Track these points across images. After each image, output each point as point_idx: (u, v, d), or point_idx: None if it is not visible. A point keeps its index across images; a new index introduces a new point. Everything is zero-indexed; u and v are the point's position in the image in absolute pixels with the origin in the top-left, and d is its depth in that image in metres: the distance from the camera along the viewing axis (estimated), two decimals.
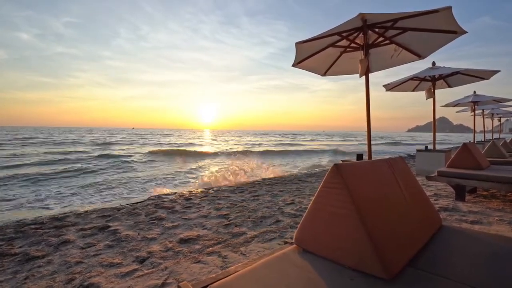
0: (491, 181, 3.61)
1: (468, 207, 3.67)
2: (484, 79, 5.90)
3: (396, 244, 1.18)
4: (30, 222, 3.43)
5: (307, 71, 4.41)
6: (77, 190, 6.68)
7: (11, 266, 2.23)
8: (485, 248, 1.35)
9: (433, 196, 4.33)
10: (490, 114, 14.04)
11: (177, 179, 8.67)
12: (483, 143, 10.11)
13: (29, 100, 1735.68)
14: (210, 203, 4.24)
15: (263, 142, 36.50)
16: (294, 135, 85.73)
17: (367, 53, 3.38)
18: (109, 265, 2.21)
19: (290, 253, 1.32)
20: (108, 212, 3.84)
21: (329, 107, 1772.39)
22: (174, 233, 2.92)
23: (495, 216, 3.23)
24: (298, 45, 3.46)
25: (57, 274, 2.09)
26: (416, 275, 1.09)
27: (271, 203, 4.19)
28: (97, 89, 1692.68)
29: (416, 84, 6.75)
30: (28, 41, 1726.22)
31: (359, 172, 1.34)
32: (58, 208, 4.95)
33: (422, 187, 1.73)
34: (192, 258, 2.30)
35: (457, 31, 3.01)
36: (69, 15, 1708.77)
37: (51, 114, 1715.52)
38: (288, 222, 3.20)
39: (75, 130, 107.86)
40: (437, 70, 5.43)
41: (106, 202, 5.32)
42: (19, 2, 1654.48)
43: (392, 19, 3.08)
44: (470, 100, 8.45)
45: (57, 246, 2.62)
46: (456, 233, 1.56)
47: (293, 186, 5.78)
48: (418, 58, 3.85)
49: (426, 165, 6.52)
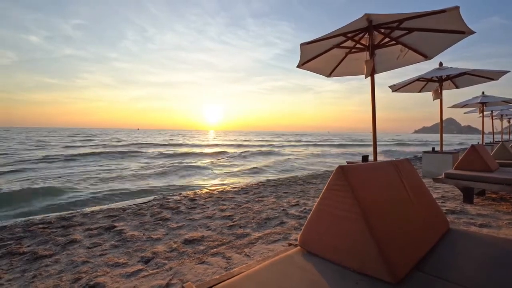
0: (500, 184, 3.54)
1: (476, 210, 3.60)
2: (493, 80, 5.80)
3: (402, 247, 1.16)
4: (38, 222, 3.49)
5: (312, 72, 4.40)
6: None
7: (20, 265, 2.27)
8: (494, 252, 1.32)
9: (440, 199, 4.26)
10: (499, 115, 13.79)
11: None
12: (492, 144, 9.92)
13: (37, 101, 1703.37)
14: (214, 204, 4.25)
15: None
16: (300, 135, 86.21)
17: (372, 54, 3.35)
18: (115, 265, 2.23)
19: (294, 255, 1.31)
20: (114, 212, 3.88)
21: (334, 108, 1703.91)
22: (178, 233, 2.94)
23: (505, 220, 3.16)
24: (303, 46, 3.46)
25: (64, 273, 2.12)
26: (422, 279, 1.08)
27: (275, 204, 4.18)
28: (104, 91, 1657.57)
29: (422, 85, 6.67)
30: (37, 43, 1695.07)
31: (364, 174, 1.33)
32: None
33: (429, 189, 1.71)
34: (197, 259, 2.30)
35: (465, 31, 2.97)
36: (78, 18, 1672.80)
37: (59, 115, 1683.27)
38: (292, 224, 3.19)
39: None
40: (444, 70, 5.36)
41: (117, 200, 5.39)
42: (29, 5, 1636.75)
43: (398, 19, 3.06)
44: (479, 101, 8.31)
45: (64, 246, 2.65)
46: (464, 237, 1.53)
47: (297, 187, 5.76)
48: (424, 58, 3.81)
49: (433, 167, 6.43)
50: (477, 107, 9.44)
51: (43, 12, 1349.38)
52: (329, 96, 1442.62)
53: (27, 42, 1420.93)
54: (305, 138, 61.71)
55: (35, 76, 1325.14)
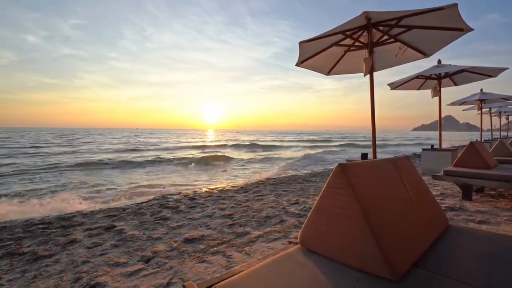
0: (498, 180, 3.55)
1: (475, 206, 3.61)
2: (492, 77, 5.81)
3: (402, 245, 1.17)
4: (37, 222, 3.48)
5: (311, 71, 4.40)
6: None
7: (20, 265, 2.27)
8: (493, 249, 1.33)
9: (440, 196, 4.28)
10: (497, 112, 13.82)
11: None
12: (490, 141, 9.95)
13: (35, 101, 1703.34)
14: (214, 203, 4.26)
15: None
16: (297, 134, 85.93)
17: (371, 51, 3.35)
18: (115, 265, 2.23)
19: (295, 253, 1.32)
20: (114, 212, 3.88)
21: (334, 106, 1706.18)
22: (179, 232, 2.94)
23: (503, 216, 3.18)
24: (302, 45, 3.45)
25: (65, 273, 2.12)
26: (422, 276, 1.08)
27: (275, 203, 4.19)
28: (103, 90, 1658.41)
29: (421, 83, 6.67)
30: (36, 43, 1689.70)
31: (363, 172, 1.33)
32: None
33: (428, 186, 1.72)
34: (197, 258, 2.31)
35: (463, 28, 2.97)
36: (76, 17, 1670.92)
37: (57, 115, 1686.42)
38: (292, 222, 3.20)
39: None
40: (443, 68, 5.36)
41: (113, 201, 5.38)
42: (28, 5, 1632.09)
43: (396, 17, 3.05)
44: (477, 98, 8.32)
45: (64, 246, 2.65)
46: (463, 233, 1.54)
47: (297, 185, 5.77)
48: (423, 56, 3.81)
49: (432, 164, 6.45)
50: (476, 104, 9.46)
51: (41, 12, 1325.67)
52: (328, 95, 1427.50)
53: (26, 42, 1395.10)
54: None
55: (34, 76, 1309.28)
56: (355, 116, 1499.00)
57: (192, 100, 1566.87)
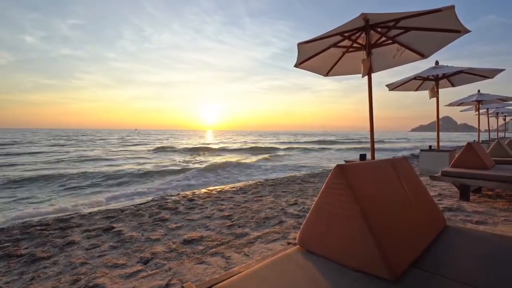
0: (496, 181, 3.57)
1: (472, 207, 3.63)
2: (489, 78, 5.85)
3: (400, 245, 1.17)
4: (35, 224, 3.46)
5: (309, 72, 4.41)
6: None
7: (18, 267, 2.26)
8: (490, 249, 1.33)
9: (437, 196, 4.30)
10: (494, 113, 13.90)
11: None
12: (488, 142, 10.01)
13: (33, 102, 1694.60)
14: (213, 204, 4.25)
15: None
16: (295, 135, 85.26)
17: (369, 53, 3.37)
18: (114, 266, 2.23)
19: (294, 254, 1.32)
20: (112, 213, 3.86)
21: (332, 106, 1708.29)
22: (177, 234, 2.94)
23: (501, 216, 3.19)
24: (300, 46, 3.46)
25: (63, 275, 2.11)
26: (420, 276, 1.09)
27: (274, 203, 4.19)
28: (102, 91, 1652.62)
29: (419, 84, 6.71)
30: (34, 44, 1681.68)
31: (362, 173, 1.34)
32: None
33: (426, 187, 1.72)
34: (196, 259, 2.31)
35: (461, 30, 2.99)
36: (75, 17, 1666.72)
37: (56, 115, 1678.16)
38: (291, 223, 3.20)
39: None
40: (441, 69, 5.40)
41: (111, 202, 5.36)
42: (26, 5, 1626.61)
43: (394, 18, 3.07)
44: (474, 99, 8.37)
45: (62, 247, 2.64)
46: (461, 234, 1.55)
47: (296, 186, 5.78)
48: (421, 57, 3.83)
49: (430, 165, 6.47)
50: (473, 105, 9.51)
51: (39, 12, 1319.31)
52: (326, 95, 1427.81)
53: (24, 42, 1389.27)
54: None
55: (32, 76, 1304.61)
56: (354, 116, 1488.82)
57: (192, 100, 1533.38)
